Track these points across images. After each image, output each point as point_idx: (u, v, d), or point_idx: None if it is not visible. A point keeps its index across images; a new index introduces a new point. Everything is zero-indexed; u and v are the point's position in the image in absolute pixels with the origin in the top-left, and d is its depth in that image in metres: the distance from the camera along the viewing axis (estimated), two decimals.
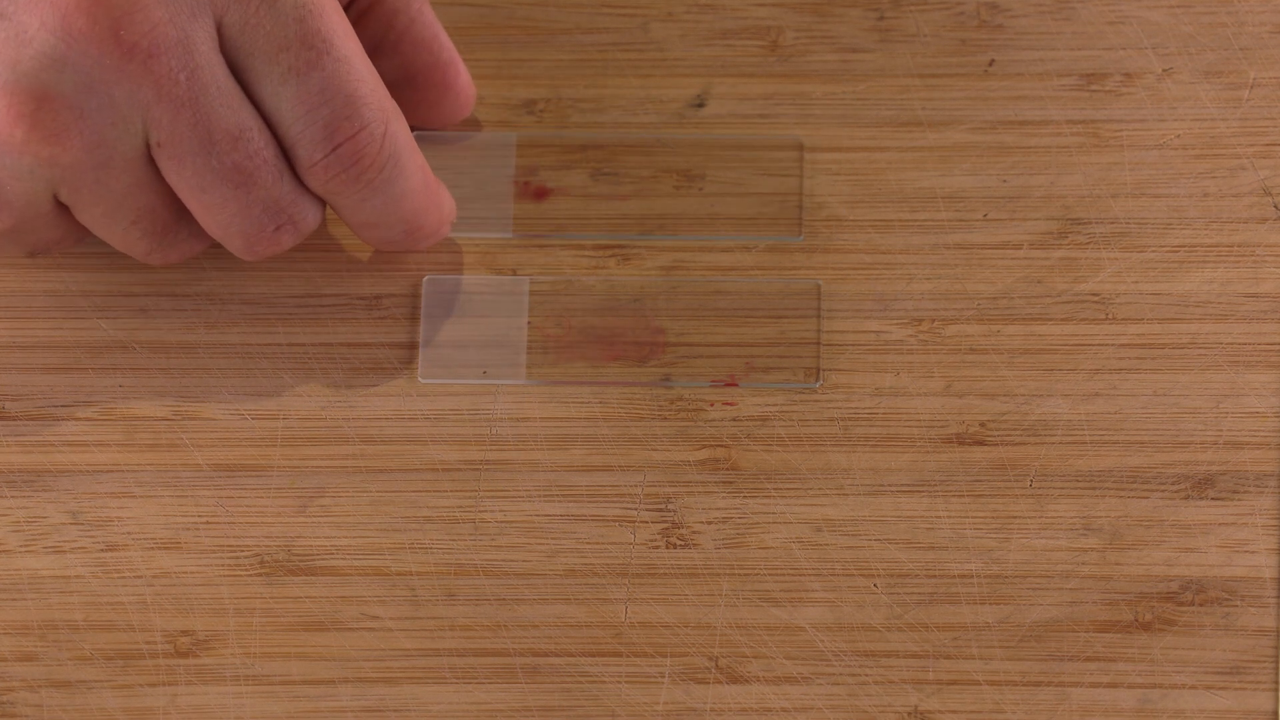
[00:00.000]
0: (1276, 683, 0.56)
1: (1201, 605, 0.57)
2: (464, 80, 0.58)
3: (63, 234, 0.56)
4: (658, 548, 0.58)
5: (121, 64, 0.51)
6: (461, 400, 0.59)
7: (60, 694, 0.57)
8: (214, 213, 0.54)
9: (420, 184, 0.55)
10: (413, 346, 0.59)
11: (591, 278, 0.60)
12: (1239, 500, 0.57)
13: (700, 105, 0.61)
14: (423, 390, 0.59)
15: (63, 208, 0.54)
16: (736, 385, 0.59)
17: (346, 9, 0.57)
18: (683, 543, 0.57)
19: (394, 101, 0.54)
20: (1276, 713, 0.56)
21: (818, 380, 0.59)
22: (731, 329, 0.59)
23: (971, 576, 0.57)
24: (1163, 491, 0.58)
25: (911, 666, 0.56)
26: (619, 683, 0.56)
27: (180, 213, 0.55)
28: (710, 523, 0.58)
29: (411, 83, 0.58)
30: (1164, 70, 0.61)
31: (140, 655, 0.57)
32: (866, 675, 0.56)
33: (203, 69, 0.51)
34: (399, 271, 0.60)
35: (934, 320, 0.59)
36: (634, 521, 0.58)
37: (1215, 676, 0.56)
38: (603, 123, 0.61)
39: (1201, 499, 0.57)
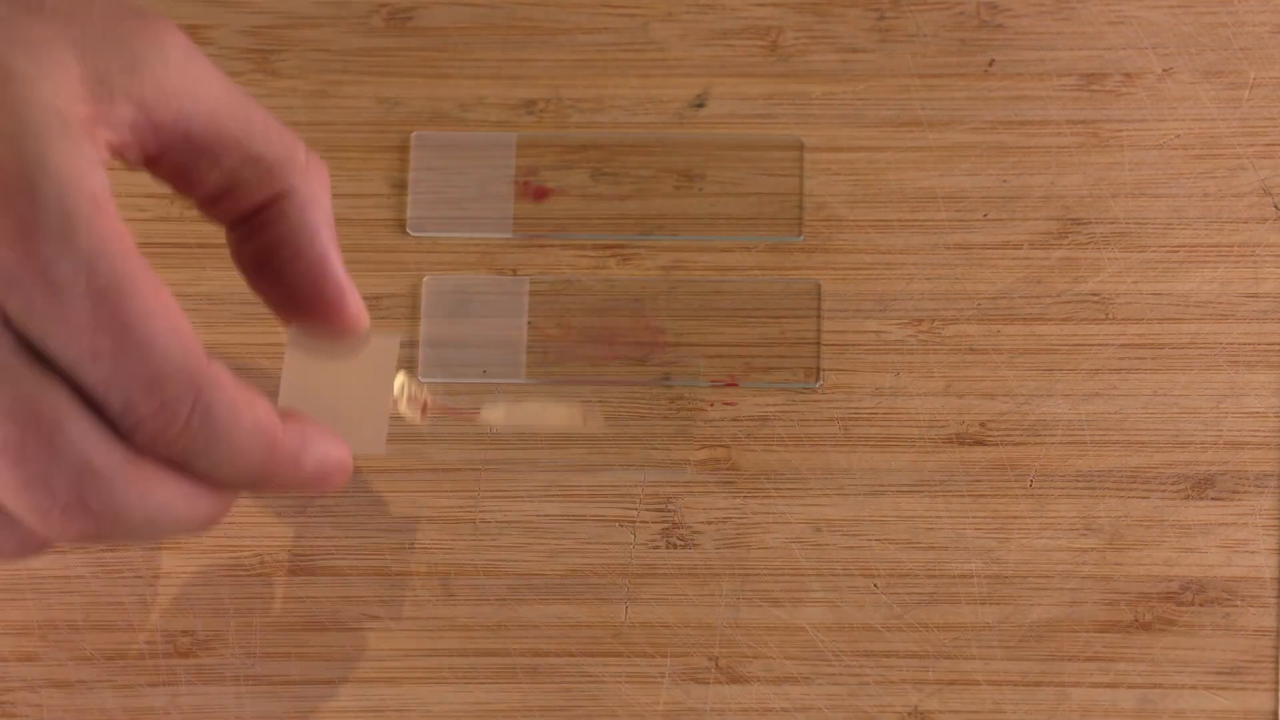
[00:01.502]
0: (1276, 683, 0.56)
1: (1201, 605, 0.57)
2: (350, 312, 0.54)
3: None
4: (658, 548, 0.58)
5: None
6: (461, 400, 0.59)
7: (60, 694, 0.56)
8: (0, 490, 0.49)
9: (255, 446, 0.50)
10: (413, 346, 0.59)
11: (591, 278, 0.60)
12: (1239, 500, 0.57)
13: (700, 105, 0.61)
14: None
15: None
16: (736, 385, 0.59)
17: (234, 228, 0.53)
18: (683, 543, 0.57)
19: (215, 368, 0.49)
20: (1276, 713, 0.56)
21: (818, 380, 0.59)
22: (731, 329, 0.59)
23: (971, 576, 0.57)
24: (1163, 491, 0.58)
25: (911, 666, 0.56)
26: (619, 683, 0.56)
27: None
28: (710, 523, 0.58)
29: (295, 308, 0.54)
30: (1164, 70, 0.61)
31: (140, 655, 0.57)
32: (866, 675, 0.56)
33: None
34: (399, 271, 0.60)
35: (934, 320, 0.59)
36: (634, 521, 0.58)
37: (1215, 676, 0.56)
38: (603, 123, 0.61)
39: (1201, 499, 0.57)
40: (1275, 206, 0.60)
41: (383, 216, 0.61)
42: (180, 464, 0.50)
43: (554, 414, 0.59)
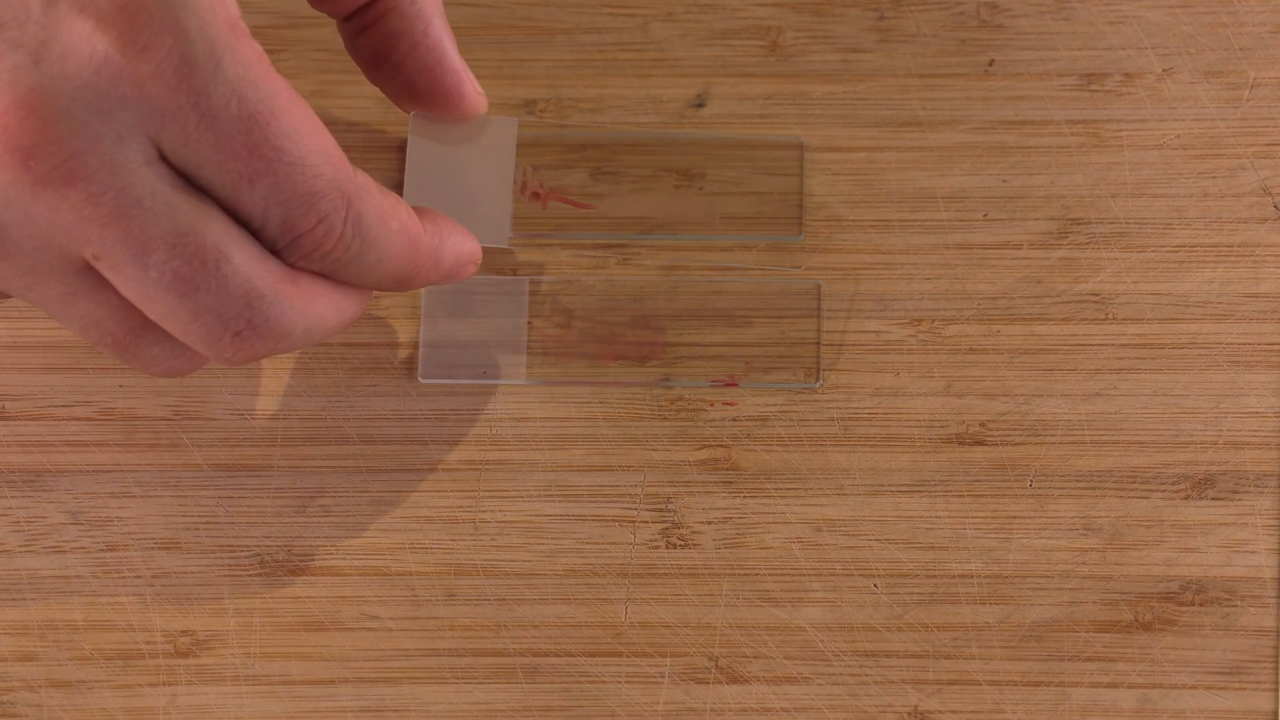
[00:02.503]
0: (1276, 683, 0.56)
1: (1201, 605, 0.57)
2: (470, 100, 0.57)
3: None
4: (658, 548, 0.58)
5: (36, 192, 0.48)
6: (461, 400, 0.59)
7: (60, 694, 0.57)
8: (168, 323, 0.51)
9: (401, 248, 0.53)
10: (413, 346, 0.59)
11: (591, 278, 0.60)
12: (1239, 500, 0.57)
13: (700, 105, 0.61)
14: (423, 390, 0.59)
15: None
16: (736, 385, 0.59)
17: (348, 20, 0.56)
18: (683, 543, 0.58)
19: (360, 177, 0.51)
20: (1276, 713, 0.56)
21: (818, 380, 0.59)
22: (731, 329, 0.59)
23: (971, 576, 0.57)
24: (1163, 491, 0.58)
25: (911, 666, 0.56)
26: (619, 683, 0.56)
27: (137, 330, 0.52)
28: (710, 523, 0.58)
29: (414, 100, 0.57)
30: (1164, 70, 0.61)
31: (140, 655, 0.57)
32: (866, 675, 0.56)
33: (133, 185, 0.49)
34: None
35: (934, 320, 0.59)
36: (634, 521, 0.58)
37: (1215, 676, 0.56)
38: (603, 123, 0.61)
39: (1201, 499, 0.57)
40: (1275, 206, 0.60)
41: None
42: (331, 273, 0.52)
43: None
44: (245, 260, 0.50)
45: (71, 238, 0.49)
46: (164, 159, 0.49)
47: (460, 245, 0.55)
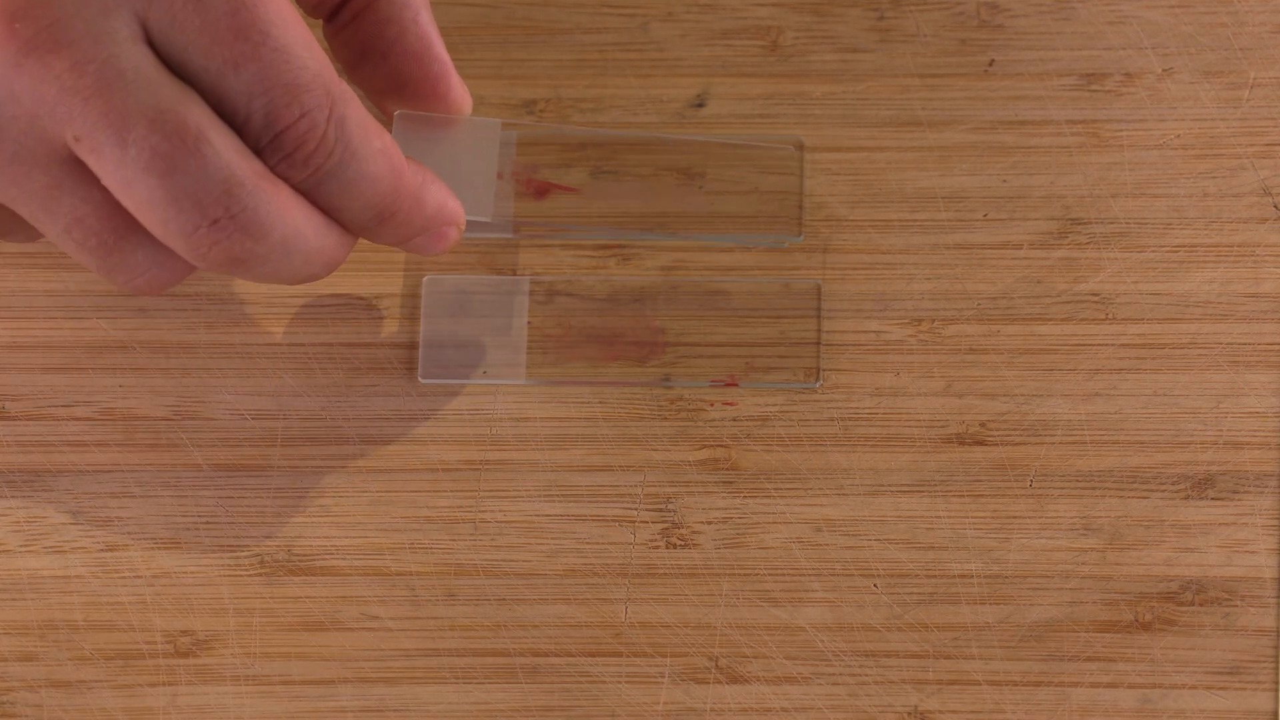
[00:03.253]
0: (1276, 683, 0.56)
1: (1201, 605, 0.57)
2: (456, 91, 0.56)
3: (12, 221, 0.53)
4: (658, 548, 0.58)
5: (19, 59, 0.48)
6: (461, 400, 0.59)
7: (60, 694, 0.57)
8: (147, 212, 0.50)
9: (383, 169, 0.52)
10: (413, 346, 0.59)
11: (591, 278, 0.60)
12: (1239, 500, 0.57)
13: (700, 105, 0.61)
14: (423, 390, 0.59)
15: None
16: (736, 385, 0.59)
17: (336, 12, 0.56)
18: (683, 543, 0.58)
19: (344, 85, 0.51)
20: (1276, 713, 0.56)
21: (818, 380, 0.59)
22: (731, 329, 0.59)
23: (971, 576, 0.57)
24: (1163, 491, 0.58)
25: (911, 666, 0.56)
26: (619, 683, 0.56)
27: (121, 229, 0.51)
28: (710, 523, 0.58)
29: (400, 92, 0.56)
30: (1164, 70, 0.61)
31: (140, 655, 0.57)
32: (866, 675, 0.56)
33: (117, 58, 0.48)
34: (399, 271, 0.60)
35: (934, 320, 0.59)
36: (634, 521, 0.58)
37: (1215, 676, 0.56)
38: (603, 123, 0.61)
39: (1201, 499, 0.57)
40: (1275, 206, 0.60)
41: None
42: (309, 191, 0.51)
43: None
44: (226, 146, 0.50)
45: (54, 115, 0.49)
46: (150, 41, 0.49)
47: (444, 195, 0.54)
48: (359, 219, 0.52)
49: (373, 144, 0.52)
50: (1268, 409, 0.58)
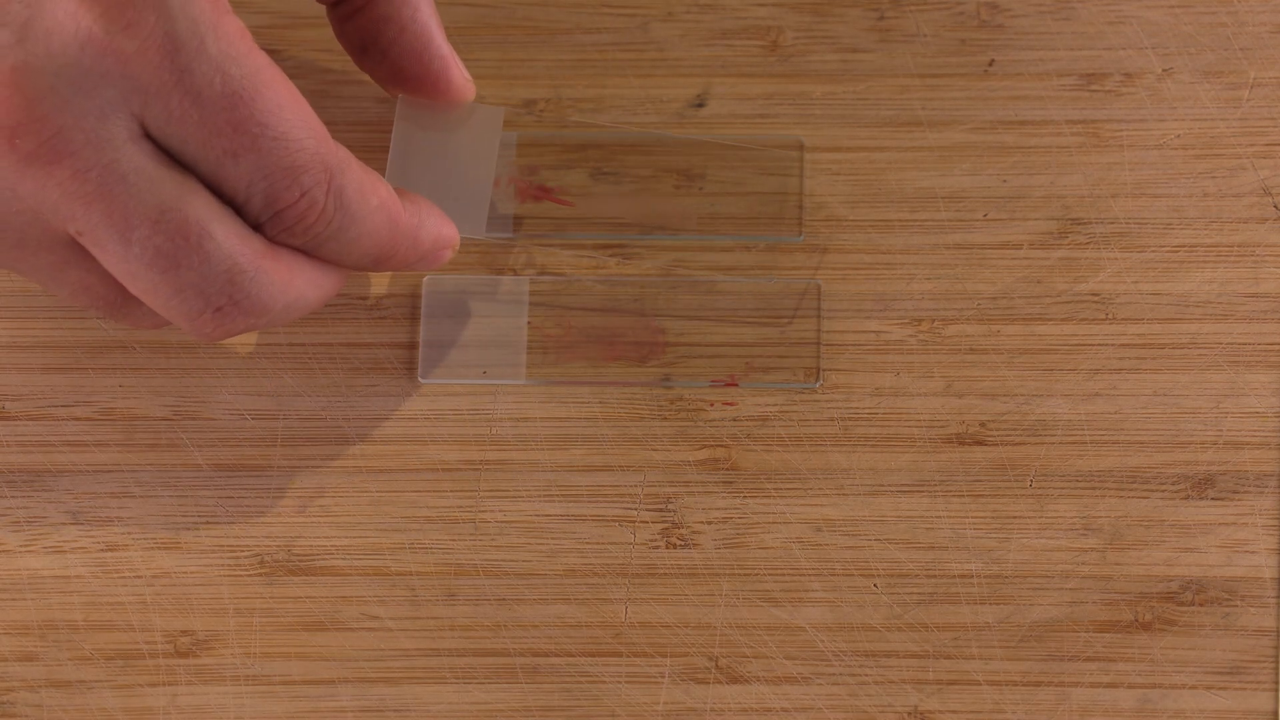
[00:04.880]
0: (1276, 683, 0.56)
1: (1201, 605, 0.57)
2: (457, 85, 0.57)
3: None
4: (658, 548, 0.58)
5: (21, 170, 0.49)
6: (461, 400, 0.59)
7: (60, 694, 0.57)
8: (150, 299, 0.51)
9: (381, 224, 0.53)
10: (413, 346, 0.59)
11: (591, 278, 0.60)
12: (1239, 500, 0.57)
13: (700, 105, 0.61)
14: (423, 390, 0.59)
15: None
16: (736, 385, 0.59)
17: (336, 5, 0.56)
18: (683, 543, 0.58)
19: (342, 151, 0.52)
20: (1276, 713, 0.56)
21: (818, 380, 0.59)
22: (731, 329, 0.59)
23: (971, 576, 0.57)
24: (1163, 491, 0.58)
25: (911, 666, 0.56)
26: (619, 683, 0.56)
27: (127, 294, 0.52)
28: (710, 523, 0.58)
29: (402, 85, 0.57)
30: (1164, 70, 0.61)
31: (140, 655, 0.57)
32: (866, 675, 0.56)
33: (118, 162, 0.49)
34: (399, 271, 0.60)
35: (934, 320, 0.59)
36: (634, 521, 0.58)
37: (1215, 676, 0.56)
38: (603, 123, 0.61)
39: (1201, 499, 0.57)
40: (1275, 206, 0.60)
41: None
42: (311, 249, 0.52)
43: None
44: (228, 236, 0.50)
45: (57, 214, 0.49)
46: (148, 136, 0.50)
47: (439, 228, 0.55)
48: (359, 264, 0.54)
49: (370, 203, 0.53)
50: (1268, 409, 0.58)
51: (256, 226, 0.51)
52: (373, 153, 0.61)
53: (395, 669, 0.57)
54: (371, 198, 0.53)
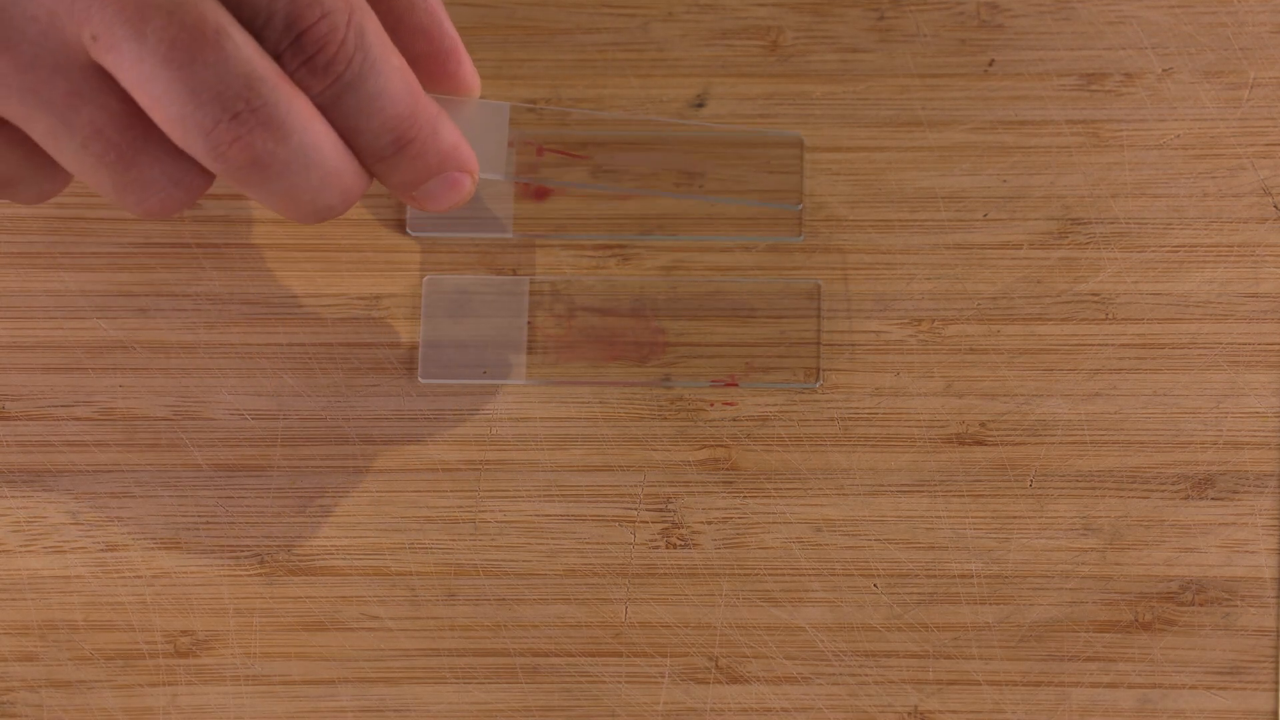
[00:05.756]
0: (1276, 683, 0.56)
1: (1201, 605, 0.57)
2: (466, 70, 0.56)
3: (20, 166, 0.52)
4: (658, 548, 0.58)
5: None
6: (461, 400, 0.59)
7: (60, 694, 0.57)
8: (164, 107, 0.49)
9: (401, 88, 0.52)
10: (413, 346, 0.59)
11: (591, 278, 0.60)
12: (1239, 500, 0.57)
13: (700, 105, 0.61)
14: (423, 390, 0.59)
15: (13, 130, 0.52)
16: (736, 385, 0.59)
17: None
18: (683, 543, 0.57)
19: (364, 2, 0.51)
20: (1276, 713, 0.56)
21: (818, 380, 0.59)
22: (731, 329, 0.59)
23: (971, 576, 0.57)
24: (1163, 491, 0.58)
25: (911, 666, 0.56)
26: (619, 683, 0.56)
27: (139, 141, 0.50)
28: (710, 523, 0.58)
29: (413, 68, 0.56)
30: (1164, 70, 0.61)
31: (140, 655, 0.57)
32: (866, 675, 0.56)
33: None
34: (399, 271, 0.60)
35: (934, 320, 0.59)
36: (634, 521, 0.58)
37: (1215, 676, 0.56)
38: (603, 118, 0.61)
39: (1201, 499, 0.57)
40: (1275, 206, 0.60)
41: (383, 216, 0.61)
42: (328, 105, 0.51)
43: None
44: (246, 42, 0.49)
45: (72, 14, 0.48)
46: None
47: (459, 136, 0.54)
48: (376, 143, 0.52)
49: (391, 60, 0.51)
50: (1268, 409, 0.58)
51: (276, 58, 0.50)
52: None
53: (395, 669, 0.57)
54: (393, 56, 0.51)
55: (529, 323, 0.59)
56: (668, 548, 0.57)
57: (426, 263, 0.60)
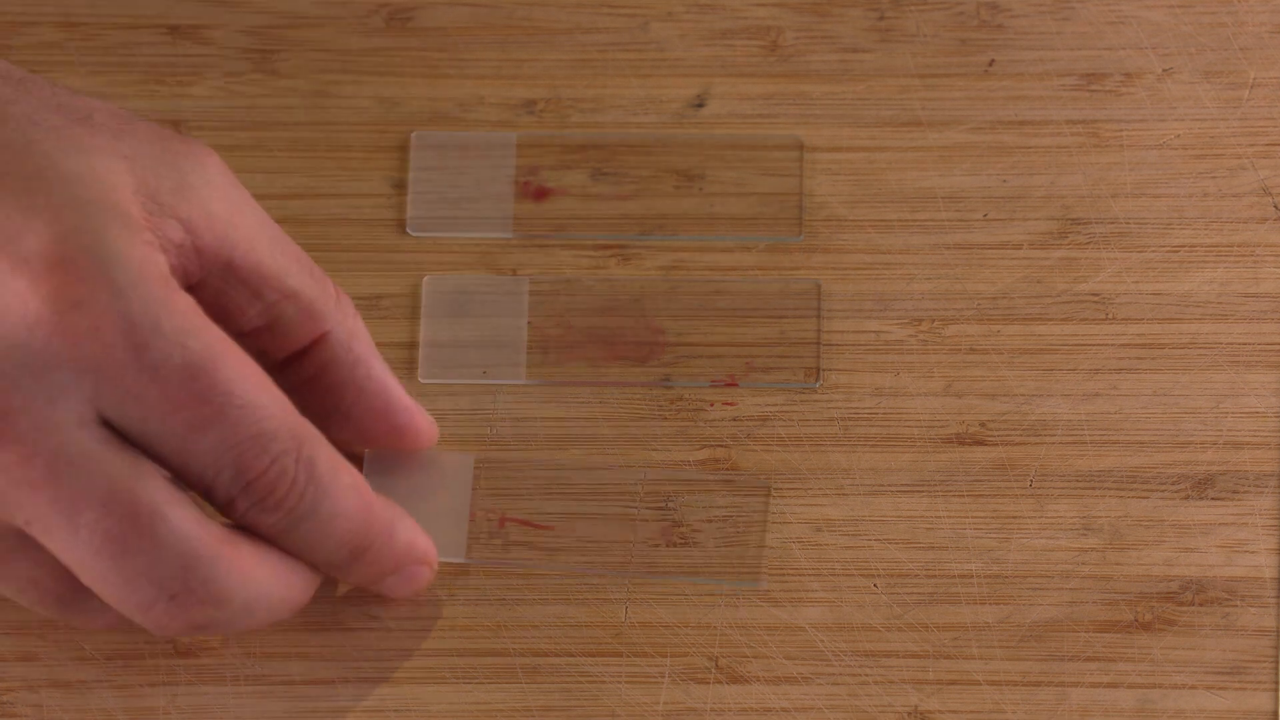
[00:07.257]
0: (1276, 683, 0.56)
1: (1201, 605, 0.57)
2: (425, 435, 0.56)
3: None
4: (658, 547, 0.57)
5: None
6: (461, 400, 0.59)
7: (60, 694, 0.56)
8: (101, 588, 0.49)
9: (355, 505, 0.51)
10: (413, 346, 0.59)
11: (591, 278, 0.60)
12: (1239, 500, 0.57)
13: (700, 105, 0.61)
14: (423, 390, 0.59)
15: None
16: (736, 385, 0.59)
17: (284, 370, 0.54)
18: (683, 542, 0.57)
19: (309, 425, 0.50)
20: (1276, 713, 0.56)
21: (818, 380, 0.59)
22: (731, 329, 0.59)
23: (971, 576, 0.57)
24: (1163, 491, 0.58)
25: (911, 666, 0.56)
26: (619, 683, 0.56)
27: (78, 587, 0.50)
28: (710, 522, 0.58)
29: (371, 443, 0.55)
30: (1164, 70, 0.61)
31: (140, 655, 0.57)
32: (866, 675, 0.56)
33: (65, 446, 0.47)
34: (399, 271, 0.60)
35: (934, 320, 0.59)
36: (634, 521, 0.58)
37: (1215, 676, 0.56)
38: (603, 123, 0.61)
39: (1201, 499, 0.57)
40: (1275, 206, 0.60)
41: (383, 216, 0.61)
42: (281, 534, 0.50)
43: None
44: (183, 520, 0.49)
45: (5, 503, 0.48)
46: (102, 417, 0.48)
47: (415, 533, 0.54)
48: (332, 558, 0.52)
49: (342, 480, 0.51)
50: (1268, 409, 0.58)
51: (228, 503, 0.49)
52: (373, 152, 0.61)
53: (395, 669, 0.57)
54: (344, 475, 0.51)
55: (529, 323, 0.59)
56: (668, 547, 0.57)
57: (426, 263, 0.60)
